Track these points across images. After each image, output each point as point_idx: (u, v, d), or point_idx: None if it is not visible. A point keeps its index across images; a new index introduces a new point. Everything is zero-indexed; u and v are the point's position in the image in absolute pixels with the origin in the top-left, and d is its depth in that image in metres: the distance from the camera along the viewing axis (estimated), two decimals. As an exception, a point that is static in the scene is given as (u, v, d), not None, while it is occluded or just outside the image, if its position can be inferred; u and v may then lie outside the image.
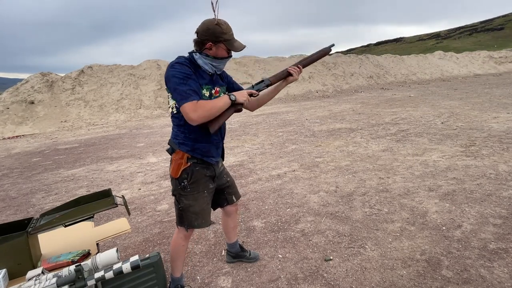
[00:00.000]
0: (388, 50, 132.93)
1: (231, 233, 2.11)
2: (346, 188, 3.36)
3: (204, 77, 1.55)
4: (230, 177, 1.91)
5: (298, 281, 1.92)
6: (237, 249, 2.16)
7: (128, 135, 8.24)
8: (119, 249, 2.36)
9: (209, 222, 1.74)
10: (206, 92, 1.56)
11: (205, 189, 1.68)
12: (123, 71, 14.01)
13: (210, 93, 1.58)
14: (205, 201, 1.70)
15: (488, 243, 2.16)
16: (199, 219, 1.69)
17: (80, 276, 1.02)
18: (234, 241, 2.14)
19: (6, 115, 11.11)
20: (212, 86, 1.60)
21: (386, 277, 1.90)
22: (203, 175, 1.65)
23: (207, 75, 1.57)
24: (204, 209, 1.70)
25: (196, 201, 1.66)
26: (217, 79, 1.65)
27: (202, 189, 1.67)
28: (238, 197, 1.97)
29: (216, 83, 1.63)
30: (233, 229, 2.11)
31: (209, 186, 1.71)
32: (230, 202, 1.91)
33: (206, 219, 1.72)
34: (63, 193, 4.00)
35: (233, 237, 2.13)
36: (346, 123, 7.32)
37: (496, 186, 3.09)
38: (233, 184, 1.92)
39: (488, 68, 26.19)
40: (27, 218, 1.48)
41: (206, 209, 1.71)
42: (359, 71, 19.31)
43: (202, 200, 1.68)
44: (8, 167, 5.76)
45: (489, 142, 4.69)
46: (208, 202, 1.72)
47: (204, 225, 1.72)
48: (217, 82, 1.64)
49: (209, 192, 1.72)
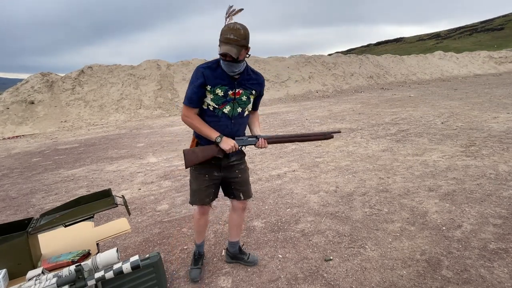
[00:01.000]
0: (388, 50, 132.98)
1: (233, 230, 2.14)
2: (346, 188, 3.36)
3: (222, 78, 1.70)
4: (244, 175, 1.96)
5: (298, 281, 1.92)
6: (236, 250, 2.16)
7: (128, 135, 8.24)
8: (119, 249, 2.35)
9: (203, 201, 1.90)
10: (219, 92, 1.71)
11: (207, 173, 1.86)
12: (123, 71, 14.01)
13: (225, 93, 1.72)
14: (203, 183, 1.87)
15: (488, 243, 2.16)
16: (194, 196, 1.90)
17: (80, 276, 1.02)
18: (234, 241, 2.15)
19: (6, 115, 11.11)
20: (230, 87, 1.72)
21: (386, 277, 1.90)
22: (208, 162, 1.81)
23: (227, 76, 1.70)
24: (201, 189, 1.87)
25: (195, 180, 1.88)
26: (244, 82, 1.76)
27: (204, 172, 1.86)
28: (247, 197, 2.01)
29: (240, 85, 1.75)
30: (237, 227, 2.13)
31: (212, 173, 1.87)
32: (237, 198, 1.98)
33: (200, 198, 1.89)
34: (63, 193, 4.00)
35: (235, 236, 2.14)
36: (346, 123, 7.32)
37: (496, 186, 3.09)
38: (243, 182, 1.96)
39: (488, 68, 26.19)
40: (27, 218, 1.48)
41: (203, 190, 1.87)
42: (359, 71, 19.30)
43: (201, 181, 1.86)
44: (8, 167, 5.76)
45: (489, 142, 4.69)
46: (207, 185, 1.87)
47: (197, 203, 1.91)
48: (242, 85, 1.76)
49: (212, 177, 1.87)
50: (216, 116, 1.77)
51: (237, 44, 1.57)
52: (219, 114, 1.77)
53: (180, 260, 2.27)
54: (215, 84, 1.70)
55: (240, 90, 1.76)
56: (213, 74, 1.70)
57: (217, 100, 1.73)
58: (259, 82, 1.84)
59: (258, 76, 1.85)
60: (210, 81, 1.69)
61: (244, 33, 1.59)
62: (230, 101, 1.76)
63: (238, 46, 1.58)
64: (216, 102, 1.74)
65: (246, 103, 1.81)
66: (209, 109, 1.76)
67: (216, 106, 1.74)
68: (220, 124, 1.78)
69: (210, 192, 1.91)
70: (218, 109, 1.75)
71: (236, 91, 1.75)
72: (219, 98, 1.73)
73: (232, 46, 1.57)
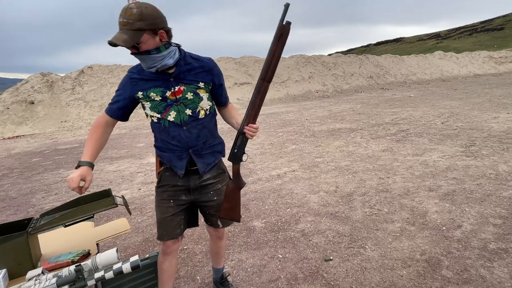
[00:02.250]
0: (388, 50, 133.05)
1: (213, 258, 1.84)
2: (346, 188, 3.36)
3: (154, 78, 1.35)
4: (220, 196, 1.55)
5: (298, 281, 1.92)
6: (217, 278, 1.88)
7: (128, 135, 8.24)
8: (119, 249, 2.35)
9: (172, 235, 1.49)
10: (155, 96, 1.36)
11: (171, 198, 1.48)
12: (123, 71, 14.00)
13: (164, 96, 1.36)
14: (168, 211, 1.48)
15: (488, 243, 2.16)
16: (160, 228, 1.50)
17: (80, 276, 1.02)
18: (216, 268, 1.85)
19: (6, 115, 11.11)
20: (166, 86, 1.36)
21: (386, 277, 1.90)
22: (173, 183, 1.48)
23: (154, 75, 1.35)
24: (166, 219, 1.48)
25: (158, 207, 1.51)
26: (183, 75, 1.38)
27: (167, 197, 1.48)
28: (226, 224, 1.65)
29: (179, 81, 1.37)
30: (215, 255, 1.80)
31: (179, 197, 1.49)
32: (214, 225, 1.62)
33: (168, 231, 1.48)
34: (63, 193, 4.00)
35: (215, 263, 1.84)
36: (346, 123, 7.31)
37: (496, 186, 3.09)
38: (220, 207, 1.55)
39: (488, 68, 26.19)
40: (27, 218, 1.48)
41: (169, 220, 1.48)
42: (359, 71, 19.30)
43: (165, 209, 1.48)
44: (8, 167, 5.76)
45: (489, 142, 4.69)
46: (173, 213, 1.48)
47: (164, 237, 1.49)
48: (182, 79, 1.37)
49: (178, 203, 1.49)
50: (164, 128, 1.41)
51: (129, 29, 1.19)
52: (166, 125, 1.40)
53: (180, 260, 2.27)
54: (147, 87, 1.35)
55: (180, 87, 1.37)
56: (144, 76, 1.36)
57: (157, 107, 1.37)
58: (207, 69, 1.42)
59: (203, 62, 1.42)
60: (140, 85, 1.36)
61: (138, 13, 1.18)
62: (172, 104, 1.37)
63: (131, 31, 1.19)
64: (157, 110, 1.38)
65: (195, 101, 1.40)
66: (153, 122, 1.42)
67: (159, 116, 1.39)
68: (173, 137, 1.41)
69: (180, 221, 1.51)
70: (162, 118, 1.39)
71: (176, 89, 1.36)
72: (158, 104, 1.37)
73: (122, 32, 1.20)
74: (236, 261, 2.20)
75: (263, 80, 1.35)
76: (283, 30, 1.29)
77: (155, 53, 1.26)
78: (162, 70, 1.33)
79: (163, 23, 1.27)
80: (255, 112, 1.39)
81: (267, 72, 1.34)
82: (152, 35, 1.24)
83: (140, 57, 1.28)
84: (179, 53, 1.37)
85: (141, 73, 1.37)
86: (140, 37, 1.21)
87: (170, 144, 1.43)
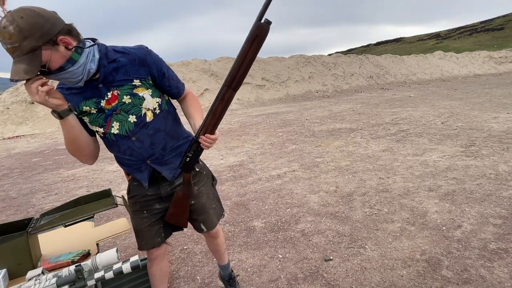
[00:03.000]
0: (388, 50, 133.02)
1: (215, 256, 1.77)
2: (346, 188, 3.36)
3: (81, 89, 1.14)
4: (200, 199, 1.44)
5: (298, 281, 1.92)
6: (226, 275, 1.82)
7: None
8: (119, 249, 2.35)
9: (152, 244, 1.39)
10: (89, 109, 1.16)
11: (144, 208, 1.37)
12: (123, 71, 14.01)
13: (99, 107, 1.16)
14: (143, 222, 1.37)
15: (488, 243, 2.16)
16: (138, 239, 1.41)
17: (80, 276, 1.02)
18: (222, 264, 1.79)
19: (6, 115, 11.11)
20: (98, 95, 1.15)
21: (386, 277, 1.90)
22: (143, 193, 1.35)
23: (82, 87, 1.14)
24: (142, 229, 1.38)
25: (133, 219, 1.40)
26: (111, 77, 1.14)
27: (139, 208, 1.37)
28: (211, 227, 1.50)
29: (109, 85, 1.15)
30: (215, 253, 1.74)
31: (152, 206, 1.37)
32: (198, 230, 1.50)
33: (147, 241, 1.38)
34: (63, 193, 4.00)
35: (219, 260, 1.78)
36: (346, 123, 7.32)
37: (496, 186, 3.09)
38: (201, 210, 1.45)
39: (488, 68, 26.19)
40: (27, 218, 1.48)
41: (146, 230, 1.38)
42: (359, 71, 19.31)
43: (139, 220, 1.38)
44: (8, 167, 5.76)
45: (489, 142, 4.69)
46: (148, 224, 1.37)
47: (143, 247, 1.39)
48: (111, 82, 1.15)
49: (152, 212, 1.38)
50: (112, 143, 1.25)
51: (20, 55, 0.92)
52: (113, 139, 1.22)
53: (180, 260, 2.27)
54: (77, 102, 1.15)
55: (113, 92, 1.15)
56: (70, 91, 1.15)
57: (97, 121, 1.18)
58: (139, 62, 1.17)
59: (131, 54, 1.17)
60: (70, 101, 1.12)
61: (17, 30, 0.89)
62: (111, 114, 1.18)
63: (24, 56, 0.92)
64: (98, 124, 1.19)
65: (136, 104, 1.19)
66: (101, 137, 1.26)
67: (102, 130, 1.21)
68: (124, 151, 1.25)
69: (158, 230, 1.40)
70: (106, 132, 1.21)
71: (109, 96, 1.15)
72: (96, 117, 1.17)
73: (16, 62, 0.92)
74: (236, 261, 2.20)
75: (228, 87, 1.11)
76: (260, 30, 1.03)
77: (70, 66, 1.02)
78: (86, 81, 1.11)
79: (56, 25, 0.97)
80: (216, 121, 1.17)
81: (234, 78, 1.10)
82: (52, 47, 0.96)
83: (57, 78, 1.04)
84: (99, 51, 1.12)
85: (66, 87, 1.15)
86: (40, 58, 0.94)
87: (124, 159, 1.28)
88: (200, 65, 15.14)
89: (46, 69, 0.98)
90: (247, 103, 13.81)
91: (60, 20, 0.99)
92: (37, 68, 0.94)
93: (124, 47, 1.19)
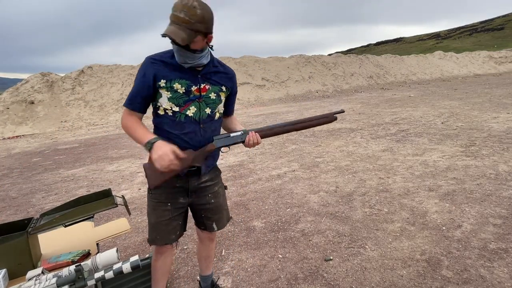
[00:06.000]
0: (388, 50, 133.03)
1: (201, 263, 1.76)
2: (346, 188, 3.36)
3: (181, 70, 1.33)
4: (218, 199, 1.55)
5: (298, 281, 1.92)
6: (208, 286, 1.82)
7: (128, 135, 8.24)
8: (119, 249, 2.35)
9: (166, 240, 1.43)
10: (179, 87, 1.32)
11: (169, 200, 1.42)
12: (123, 71, 14.01)
13: (188, 90, 1.33)
14: (164, 215, 1.41)
15: (488, 243, 2.16)
16: (153, 232, 1.44)
17: (80, 276, 1.02)
18: (205, 275, 1.79)
19: (6, 115, 11.11)
20: (193, 81, 1.34)
21: (386, 277, 1.90)
22: (171, 184, 1.40)
23: (183, 68, 1.33)
24: (161, 223, 1.41)
25: (154, 210, 1.43)
26: (209, 75, 1.39)
27: (165, 199, 1.41)
28: (222, 226, 1.60)
29: (205, 79, 1.38)
30: (205, 259, 1.74)
31: (177, 199, 1.43)
32: (209, 229, 1.57)
33: (162, 236, 1.42)
34: (63, 193, 4.00)
35: (204, 269, 1.77)
36: (346, 123, 7.32)
37: (496, 186, 3.09)
38: (217, 209, 1.56)
39: (488, 68, 26.19)
40: (27, 218, 1.48)
41: (165, 224, 1.42)
42: (359, 71, 19.31)
43: (161, 212, 1.41)
44: (8, 167, 5.76)
45: (489, 142, 4.69)
46: (170, 217, 1.42)
47: (158, 242, 1.43)
48: (208, 79, 1.39)
49: (176, 206, 1.43)
50: (179, 123, 1.35)
51: (188, 27, 1.19)
52: (182, 119, 1.35)
53: (180, 260, 2.27)
54: (172, 77, 1.31)
55: (206, 85, 1.37)
56: (168, 65, 1.32)
57: (177, 99, 1.33)
58: (229, 77, 1.47)
59: (226, 69, 1.47)
60: (165, 73, 1.31)
61: (201, 14, 1.19)
62: (194, 100, 1.35)
63: (189, 30, 1.19)
64: (176, 102, 1.33)
65: (216, 102, 1.41)
66: (167, 115, 1.35)
67: (177, 109, 1.34)
68: (187, 133, 1.36)
69: (176, 226, 1.45)
70: (180, 112, 1.34)
71: (202, 86, 1.36)
72: (179, 96, 1.32)
73: (180, 28, 1.19)
74: (236, 261, 2.20)
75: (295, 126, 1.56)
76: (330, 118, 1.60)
77: (199, 53, 1.30)
78: (192, 67, 1.33)
79: (212, 26, 1.30)
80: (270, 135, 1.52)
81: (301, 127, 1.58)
82: (203, 37, 1.26)
83: (183, 52, 1.27)
84: (209, 57, 1.38)
85: (165, 60, 1.32)
86: (195, 38, 1.23)
87: (181, 140, 1.36)
88: (200, 65, 15.12)
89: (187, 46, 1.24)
90: (247, 103, 13.81)
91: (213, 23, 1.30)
92: (188, 42, 1.21)
93: (223, 63, 1.50)
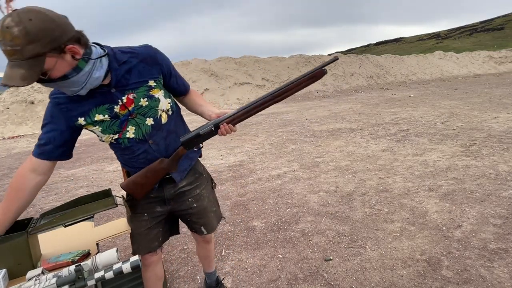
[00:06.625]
0: (388, 50, 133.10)
1: (202, 262, 1.77)
2: (346, 188, 3.36)
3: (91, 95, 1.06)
4: (201, 202, 1.44)
5: (298, 281, 1.92)
6: (212, 282, 1.82)
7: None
8: (119, 249, 2.35)
9: (148, 249, 1.37)
10: (102, 116, 1.09)
11: (145, 211, 1.34)
12: (123, 71, 14.01)
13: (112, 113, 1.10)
14: (142, 225, 1.35)
15: (488, 243, 2.16)
16: (134, 243, 1.39)
17: (80, 276, 1.02)
18: (208, 272, 1.80)
19: (6, 115, 11.11)
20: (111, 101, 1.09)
21: (386, 277, 1.90)
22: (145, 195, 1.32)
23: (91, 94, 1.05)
24: (141, 233, 1.35)
25: (131, 222, 1.38)
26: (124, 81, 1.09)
27: (140, 210, 1.34)
28: (211, 230, 1.50)
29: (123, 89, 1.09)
30: (205, 259, 1.74)
31: (153, 209, 1.35)
32: (199, 233, 1.50)
33: (144, 246, 1.36)
34: (63, 193, 4.00)
35: (207, 267, 1.78)
36: (346, 123, 7.31)
37: (496, 186, 3.09)
38: (201, 213, 1.45)
39: (488, 68, 26.19)
40: (27, 218, 1.48)
41: (144, 234, 1.35)
42: (359, 71, 19.30)
43: (139, 223, 1.35)
44: (8, 167, 5.76)
45: (489, 142, 4.69)
46: (148, 227, 1.35)
47: (141, 252, 1.36)
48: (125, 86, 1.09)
49: (153, 215, 1.35)
50: (125, 148, 1.20)
51: (20, 58, 0.83)
52: (126, 144, 1.18)
53: (180, 260, 2.27)
54: (86, 110, 1.08)
55: (129, 96, 1.10)
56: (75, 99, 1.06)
57: (110, 128, 1.13)
58: (150, 61, 1.13)
59: (139, 53, 1.12)
60: (77, 110, 1.07)
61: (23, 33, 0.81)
62: (127, 119, 1.13)
63: (26, 61, 0.83)
64: (111, 131, 1.14)
65: (153, 106, 1.16)
66: (112, 143, 1.21)
67: (116, 136, 1.16)
68: (139, 155, 1.21)
69: (157, 234, 1.38)
70: (120, 138, 1.16)
71: (124, 100, 1.09)
72: (109, 124, 1.12)
73: (13, 66, 0.84)
74: (236, 261, 2.20)
75: (274, 97, 1.24)
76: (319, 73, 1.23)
77: (75, 74, 0.94)
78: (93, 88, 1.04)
79: (66, 32, 0.89)
80: (244, 118, 1.24)
81: (282, 94, 1.23)
82: (59, 55, 0.88)
83: (57, 86, 0.97)
84: (107, 55, 1.04)
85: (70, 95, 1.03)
86: (42, 65, 0.86)
87: (137, 162, 1.23)
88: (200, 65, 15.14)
89: (45, 77, 0.90)
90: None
91: (70, 27, 0.91)
92: (37, 76, 0.86)
93: (131, 47, 1.13)
